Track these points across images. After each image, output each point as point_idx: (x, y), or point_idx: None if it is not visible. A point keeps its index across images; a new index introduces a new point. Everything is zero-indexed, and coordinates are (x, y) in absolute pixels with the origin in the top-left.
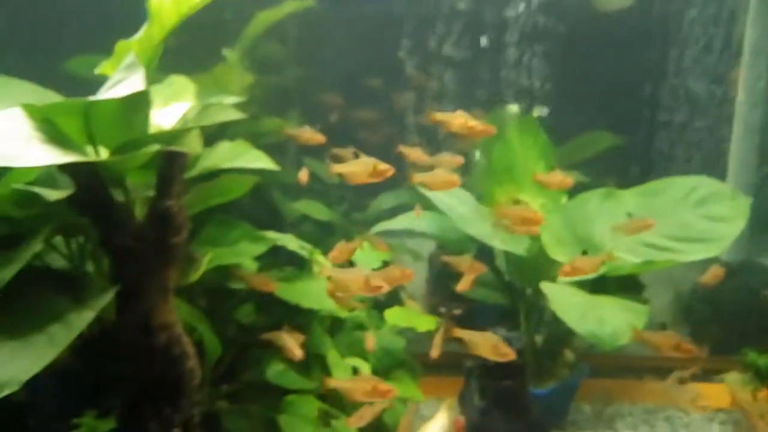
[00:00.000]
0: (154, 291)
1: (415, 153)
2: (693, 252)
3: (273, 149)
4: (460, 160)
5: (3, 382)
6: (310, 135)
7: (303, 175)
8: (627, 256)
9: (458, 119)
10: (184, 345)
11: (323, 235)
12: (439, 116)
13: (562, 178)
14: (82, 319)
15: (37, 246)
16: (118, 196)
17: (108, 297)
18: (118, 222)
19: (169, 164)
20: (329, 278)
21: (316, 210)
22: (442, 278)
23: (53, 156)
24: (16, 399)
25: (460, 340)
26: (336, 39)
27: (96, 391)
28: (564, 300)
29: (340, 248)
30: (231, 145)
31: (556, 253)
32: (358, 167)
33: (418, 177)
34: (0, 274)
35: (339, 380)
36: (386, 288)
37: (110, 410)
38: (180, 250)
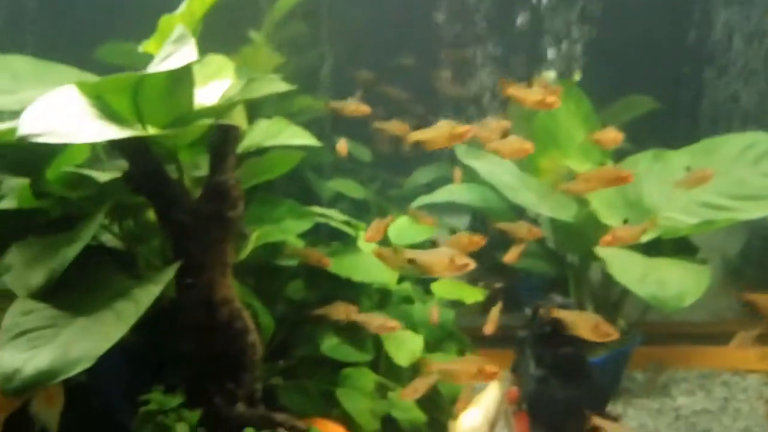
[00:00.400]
0: (214, 266)
1: (486, 131)
2: (751, 210)
3: (305, 128)
4: (507, 124)
5: (76, 358)
6: (355, 107)
7: (342, 147)
8: (682, 217)
9: (535, 95)
10: (245, 319)
11: (359, 213)
12: (514, 90)
13: (615, 134)
14: (148, 294)
15: (96, 225)
16: (172, 173)
17: (171, 272)
18: (174, 198)
19: (223, 138)
20: (411, 261)
21: (350, 188)
22: (478, 252)
23: (111, 131)
24: (79, 380)
25: (556, 320)
26: (366, 16)
27: (159, 369)
28: (621, 263)
29: (375, 227)
30: (270, 122)
31: (608, 218)
32: (436, 132)
33: (492, 144)
34: (64, 253)
35: (443, 362)
36: (472, 265)
37: (174, 388)
38: (237, 224)
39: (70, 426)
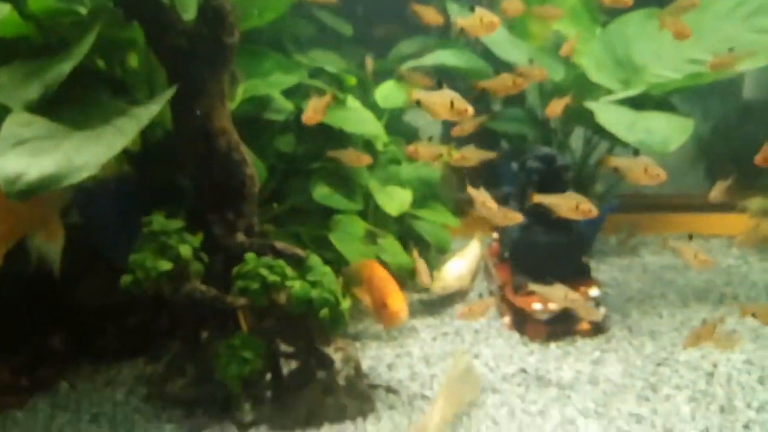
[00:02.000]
0: (211, 93)
1: None
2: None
3: None
4: None
5: (80, 165)
6: None
7: None
8: (670, 74)
9: None
10: (243, 152)
11: (340, 86)
12: None
13: None
14: (149, 111)
15: (89, 43)
16: None
17: (170, 93)
18: (169, 22)
19: None
20: (418, 102)
21: (331, 61)
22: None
23: None
24: (75, 221)
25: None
26: None
27: (156, 204)
28: (611, 114)
29: (312, 106)
30: None
31: (598, 77)
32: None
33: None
34: (59, 68)
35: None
36: (471, 110)
37: (174, 216)
38: (233, 53)
39: (69, 265)
